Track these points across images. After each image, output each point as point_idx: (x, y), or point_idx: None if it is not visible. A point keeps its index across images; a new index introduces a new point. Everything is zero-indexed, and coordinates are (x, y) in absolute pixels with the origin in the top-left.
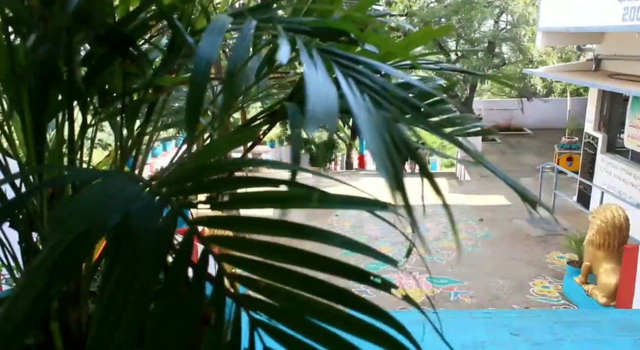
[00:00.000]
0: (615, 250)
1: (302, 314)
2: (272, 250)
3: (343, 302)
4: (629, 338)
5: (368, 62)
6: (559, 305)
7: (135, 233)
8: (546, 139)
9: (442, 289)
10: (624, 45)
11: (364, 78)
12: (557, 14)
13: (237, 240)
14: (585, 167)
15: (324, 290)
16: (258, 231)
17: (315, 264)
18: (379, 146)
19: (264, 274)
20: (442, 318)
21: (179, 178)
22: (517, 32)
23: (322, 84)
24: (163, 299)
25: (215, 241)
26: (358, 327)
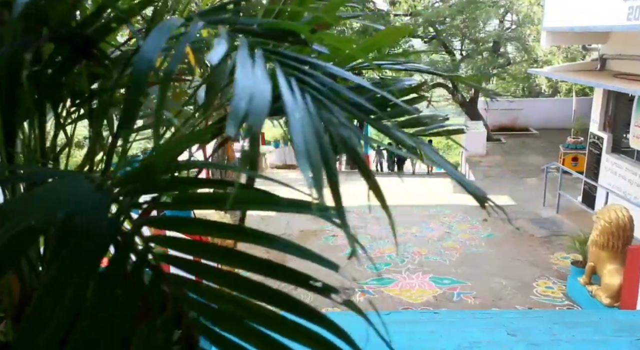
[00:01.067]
0: (619, 250)
1: (239, 316)
2: (211, 252)
3: (280, 304)
4: (626, 339)
5: (316, 64)
6: (563, 306)
7: (79, 230)
8: (551, 139)
9: (445, 289)
10: (629, 45)
11: (310, 79)
12: (562, 14)
13: (177, 241)
14: (590, 167)
15: (261, 293)
16: (199, 232)
17: (254, 266)
18: (304, 145)
19: (202, 275)
20: (441, 318)
21: (130, 178)
22: (522, 31)
23: (252, 82)
24: (97, 293)
25: (155, 241)
26: (295, 331)
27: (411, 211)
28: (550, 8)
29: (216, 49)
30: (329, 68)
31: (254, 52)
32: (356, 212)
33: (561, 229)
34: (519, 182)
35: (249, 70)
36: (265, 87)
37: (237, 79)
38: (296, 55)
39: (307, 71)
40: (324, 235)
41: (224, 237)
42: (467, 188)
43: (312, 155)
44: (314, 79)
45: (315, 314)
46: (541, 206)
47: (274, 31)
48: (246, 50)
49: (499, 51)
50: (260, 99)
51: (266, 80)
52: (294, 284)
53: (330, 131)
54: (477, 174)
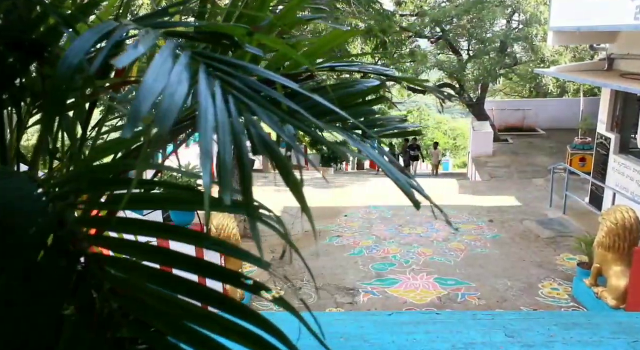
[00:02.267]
0: (625, 252)
1: (165, 312)
2: (143, 251)
3: (210, 302)
4: (623, 341)
5: (250, 68)
6: (568, 308)
7: (15, 227)
8: (559, 139)
9: (450, 290)
10: (637, 45)
11: (238, 82)
12: (568, 13)
13: (111, 240)
14: (597, 168)
15: (195, 292)
16: (133, 232)
17: (185, 264)
18: (208, 146)
19: (132, 272)
20: (442, 319)
21: (70, 178)
22: (529, 31)
23: (163, 83)
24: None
25: (89, 240)
26: (227, 328)
27: (416, 211)
28: (556, 7)
29: (128, 52)
30: (259, 71)
31: (179, 54)
32: (362, 212)
33: (567, 229)
34: (526, 183)
35: (163, 70)
36: (179, 88)
37: (145, 79)
38: (229, 59)
39: (235, 74)
40: (328, 235)
41: (156, 236)
42: (404, 189)
43: (222, 155)
44: (242, 82)
45: (247, 312)
46: (547, 207)
47: (208, 34)
48: (168, 51)
49: (505, 51)
50: (169, 102)
51: (183, 82)
52: (226, 282)
53: (250, 132)
54: (484, 174)
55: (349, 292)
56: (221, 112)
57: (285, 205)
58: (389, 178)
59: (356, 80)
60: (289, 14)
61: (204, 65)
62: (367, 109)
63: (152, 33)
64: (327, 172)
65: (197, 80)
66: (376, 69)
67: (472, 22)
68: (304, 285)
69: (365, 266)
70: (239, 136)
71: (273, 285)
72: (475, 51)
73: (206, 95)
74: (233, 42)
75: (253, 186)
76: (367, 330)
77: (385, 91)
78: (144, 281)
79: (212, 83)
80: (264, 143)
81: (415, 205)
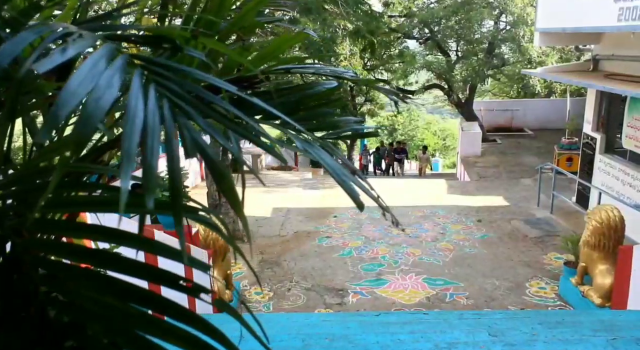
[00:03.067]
0: (610, 251)
1: (110, 318)
2: (82, 254)
3: (149, 305)
4: (603, 338)
5: (191, 72)
6: (555, 306)
7: None
8: (547, 140)
9: (438, 290)
10: (621, 46)
11: (175, 86)
12: (554, 15)
13: (51, 244)
14: (584, 168)
15: (133, 295)
16: (69, 234)
17: (124, 267)
18: (131, 149)
19: (71, 276)
20: (429, 319)
21: (9, 182)
22: (516, 32)
23: (87, 87)
24: None
25: (28, 243)
26: (166, 331)
27: (406, 212)
28: (542, 9)
29: (53, 56)
30: (199, 75)
31: (115, 58)
32: (351, 213)
33: (555, 229)
34: (514, 183)
35: (92, 74)
36: (108, 93)
37: (68, 84)
38: (168, 62)
39: (174, 78)
40: (318, 236)
41: (90, 238)
42: (347, 190)
43: (148, 158)
44: (181, 86)
45: (186, 315)
46: (535, 206)
47: (149, 37)
48: (100, 54)
49: (493, 52)
50: (94, 106)
51: (113, 86)
52: (164, 284)
53: (183, 135)
54: (473, 174)
55: (338, 293)
56: (152, 115)
57: (274, 206)
58: (334, 179)
59: (315, 83)
60: (248, 17)
61: (141, 68)
62: (324, 110)
63: (89, 37)
64: (317, 173)
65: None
66: (334, 70)
67: (460, 23)
68: (293, 286)
69: (355, 267)
70: (170, 140)
71: (262, 287)
72: (464, 52)
73: (137, 98)
74: (174, 45)
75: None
76: (353, 331)
77: (342, 92)
78: (80, 284)
79: (146, 86)
80: (197, 147)
81: (359, 207)
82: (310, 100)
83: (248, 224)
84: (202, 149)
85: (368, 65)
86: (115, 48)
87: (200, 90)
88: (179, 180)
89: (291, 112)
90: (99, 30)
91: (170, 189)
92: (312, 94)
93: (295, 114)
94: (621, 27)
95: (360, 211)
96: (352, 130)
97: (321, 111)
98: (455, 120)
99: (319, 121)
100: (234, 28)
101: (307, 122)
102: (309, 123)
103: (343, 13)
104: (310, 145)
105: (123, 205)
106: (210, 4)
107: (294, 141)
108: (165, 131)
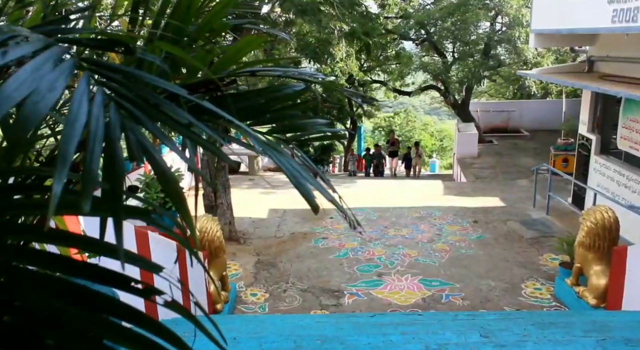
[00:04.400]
0: (605, 251)
1: (58, 320)
2: (26, 255)
3: (108, 311)
4: (593, 339)
5: (136, 74)
6: (550, 307)
7: None
8: (543, 141)
9: (434, 291)
10: (615, 47)
11: (124, 90)
12: (549, 16)
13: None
14: (579, 169)
15: (84, 297)
16: (22, 238)
17: (75, 270)
18: (68, 153)
19: (20, 278)
20: (422, 320)
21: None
22: (512, 33)
23: (24, 91)
24: None
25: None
26: (123, 336)
27: (402, 213)
28: (537, 10)
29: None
30: (150, 79)
31: (62, 61)
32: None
33: (551, 230)
34: (510, 184)
35: (34, 77)
36: (49, 96)
37: (3, 87)
38: (119, 66)
39: (126, 83)
40: (314, 237)
41: (41, 241)
42: (303, 193)
43: (88, 162)
44: (132, 90)
45: (141, 317)
46: (531, 207)
47: (103, 41)
48: (45, 57)
49: (489, 53)
50: (31, 110)
51: (56, 89)
52: (115, 287)
53: (129, 138)
54: (469, 175)
55: (334, 294)
56: (96, 120)
57: (271, 207)
58: (290, 182)
59: (284, 85)
60: (216, 19)
61: (90, 72)
62: (291, 112)
63: (36, 40)
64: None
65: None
66: (302, 72)
67: (456, 24)
68: (289, 287)
69: (351, 268)
70: (113, 143)
71: (259, 288)
72: (460, 53)
73: (80, 101)
74: (127, 49)
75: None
76: (346, 332)
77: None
78: (27, 285)
79: (90, 90)
80: (143, 150)
81: (314, 210)
82: (277, 102)
83: (195, 230)
84: (147, 151)
85: (365, 66)
86: (63, 51)
87: (152, 94)
88: (120, 183)
89: (258, 115)
90: (53, 34)
91: (110, 191)
92: (279, 97)
93: (262, 116)
94: (615, 29)
95: (315, 214)
96: (321, 132)
97: (288, 113)
98: (453, 122)
99: (286, 123)
100: (203, 30)
101: (274, 125)
102: (276, 125)
103: (339, 14)
104: (269, 148)
105: (53, 208)
106: (178, 7)
107: (253, 143)
108: (108, 135)
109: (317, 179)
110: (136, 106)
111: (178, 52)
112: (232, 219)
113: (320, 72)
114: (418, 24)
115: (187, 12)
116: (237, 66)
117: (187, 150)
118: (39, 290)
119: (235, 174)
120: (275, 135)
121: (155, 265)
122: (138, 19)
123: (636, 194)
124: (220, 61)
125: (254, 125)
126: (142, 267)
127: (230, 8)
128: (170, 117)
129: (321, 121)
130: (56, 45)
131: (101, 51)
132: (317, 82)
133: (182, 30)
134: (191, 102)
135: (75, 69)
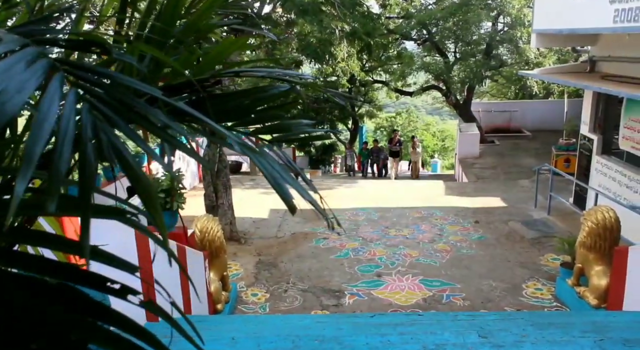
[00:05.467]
0: (606, 252)
1: (32, 319)
2: (7, 257)
3: (90, 313)
4: (591, 340)
5: (112, 75)
6: (551, 308)
7: None
8: (544, 141)
9: (435, 291)
10: (617, 47)
11: (98, 90)
12: (550, 16)
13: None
14: (581, 169)
15: (58, 297)
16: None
17: (51, 270)
18: (34, 154)
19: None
20: (422, 321)
21: None
22: (514, 33)
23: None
24: None
25: None
26: (99, 335)
27: (403, 213)
28: (539, 10)
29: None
30: (126, 80)
31: (35, 62)
32: (349, 214)
33: (552, 230)
34: (512, 184)
35: (3, 76)
36: (17, 97)
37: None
38: (95, 67)
39: (101, 83)
40: (315, 237)
41: (17, 242)
42: (281, 194)
43: (56, 162)
44: (105, 91)
45: (116, 317)
46: (533, 208)
47: (78, 41)
48: (17, 58)
49: (491, 53)
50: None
51: (24, 90)
52: (91, 287)
53: (100, 139)
54: (470, 175)
55: (334, 294)
56: (66, 120)
57: (271, 207)
58: (269, 182)
59: (269, 85)
60: (202, 19)
61: (64, 72)
62: (275, 113)
63: (9, 41)
64: (315, 174)
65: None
66: (286, 73)
67: (458, 24)
68: (289, 287)
69: (351, 268)
70: (84, 143)
71: (260, 288)
72: (462, 53)
73: (50, 102)
74: (103, 50)
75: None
76: (344, 332)
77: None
78: (9, 286)
79: (62, 90)
80: (115, 150)
81: (291, 211)
82: (261, 103)
83: (165, 228)
84: (119, 152)
85: (366, 66)
86: (38, 52)
87: (126, 95)
88: (89, 183)
89: (243, 115)
90: (30, 35)
91: (81, 194)
92: (264, 97)
93: (247, 117)
94: (617, 29)
95: (292, 215)
96: (305, 133)
97: (273, 114)
98: (455, 122)
99: (271, 124)
100: (189, 31)
101: (258, 125)
102: (260, 126)
103: (340, 14)
104: (249, 148)
105: (14, 208)
106: (164, 8)
107: (232, 143)
108: (80, 135)
109: (298, 180)
110: (110, 107)
111: (156, 53)
112: (233, 219)
113: (322, 72)
114: (420, 24)
115: (174, 12)
116: (222, 67)
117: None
118: (23, 292)
119: (236, 174)
120: (260, 135)
121: (130, 265)
122: (125, 20)
123: (637, 194)
124: (204, 62)
125: (239, 126)
126: (117, 267)
127: (217, 8)
128: (145, 119)
129: (306, 122)
130: (31, 46)
131: (78, 52)
132: (300, 83)
133: (167, 32)
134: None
135: (50, 70)
